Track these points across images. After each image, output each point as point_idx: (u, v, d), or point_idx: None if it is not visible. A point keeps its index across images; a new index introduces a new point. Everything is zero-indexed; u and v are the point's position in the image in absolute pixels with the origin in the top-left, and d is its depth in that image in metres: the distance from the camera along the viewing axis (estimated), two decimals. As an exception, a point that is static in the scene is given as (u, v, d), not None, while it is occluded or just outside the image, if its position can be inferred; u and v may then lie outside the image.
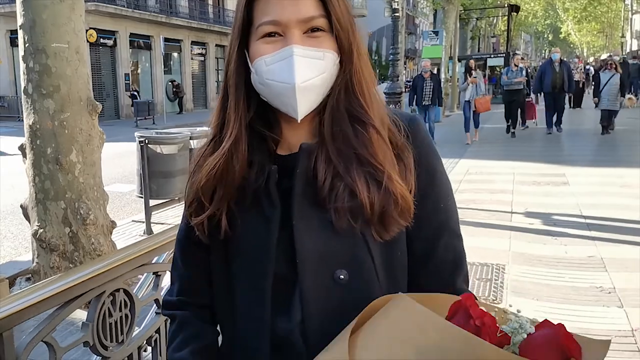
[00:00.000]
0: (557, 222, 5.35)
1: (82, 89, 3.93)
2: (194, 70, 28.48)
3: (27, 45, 3.80)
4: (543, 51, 59.95)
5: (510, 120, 12.57)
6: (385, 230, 0.85)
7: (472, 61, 12.49)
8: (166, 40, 25.32)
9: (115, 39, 23.49)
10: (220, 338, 0.99)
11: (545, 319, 0.70)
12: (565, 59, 13.06)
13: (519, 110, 12.75)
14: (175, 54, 27.34)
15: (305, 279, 0.85)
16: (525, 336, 0.67)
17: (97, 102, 4.04)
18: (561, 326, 0.68)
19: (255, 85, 0.88)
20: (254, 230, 0.88)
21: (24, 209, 4.08)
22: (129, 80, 24.38)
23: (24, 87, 3.87)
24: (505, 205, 6.10)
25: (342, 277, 0.85)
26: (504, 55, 22.41)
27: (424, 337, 0.65)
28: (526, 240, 4.84)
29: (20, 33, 3.83)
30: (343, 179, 0.84)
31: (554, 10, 42.58)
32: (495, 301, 3.54)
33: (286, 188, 0.87)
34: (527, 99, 12.95)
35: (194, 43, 27.96)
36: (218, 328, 0.99)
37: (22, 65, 3.87)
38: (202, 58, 29.16)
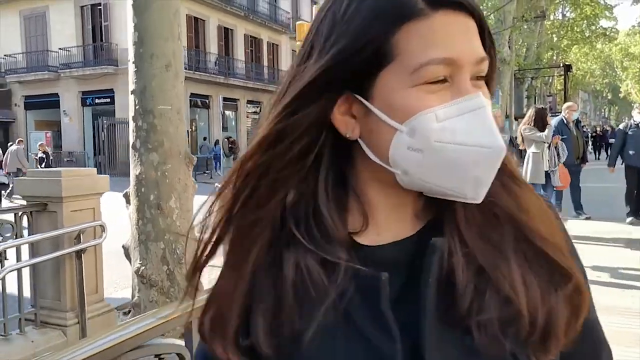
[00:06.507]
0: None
1: (181, 144, 4.49)
2: (248, 128, 30.13)
3: (137, 107, 4.42)
4: (603, 110, 58.88)
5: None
6: (545, 352, 0.57)
7: None
8: (224, 99, 27.17)
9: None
10: None
11: None
12: None
13: None
14: (231, 113, 29.07)
15: None
16: None
17: (193, 155, 4.59)
18: None
19: (402, 154, 0.58)
20: None
21: (125, 249, 4.60)
22: (189, 138, 26.11)
23: (133, 142, 4.46)
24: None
25: None
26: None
27: None
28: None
29: (131, 97, 4.47)
30: (491, 277, 0.56)
31: (612, 69, 42.18)
32: None
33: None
34: None
35: (249, 102, 29.78)
36: None
37: (131, 124, 4.48)
38: (256, 116, 30.86)
